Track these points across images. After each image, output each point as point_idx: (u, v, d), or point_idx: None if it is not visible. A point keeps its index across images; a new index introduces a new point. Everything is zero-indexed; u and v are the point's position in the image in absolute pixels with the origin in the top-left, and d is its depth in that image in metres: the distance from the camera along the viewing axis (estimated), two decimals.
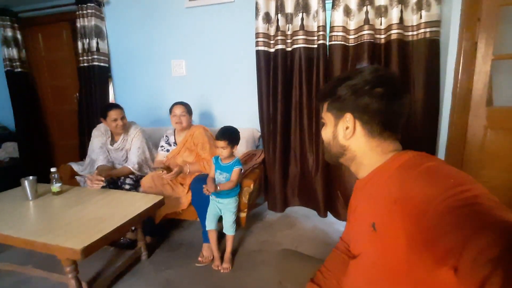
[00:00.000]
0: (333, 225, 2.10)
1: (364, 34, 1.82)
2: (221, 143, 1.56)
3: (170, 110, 1.97)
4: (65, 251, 1.13)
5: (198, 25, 2.38)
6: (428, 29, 1.70)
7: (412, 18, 1.76)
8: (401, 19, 1.76)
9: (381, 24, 1.82)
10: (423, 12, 1.69)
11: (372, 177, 0.66)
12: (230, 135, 1.59)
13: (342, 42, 1.87)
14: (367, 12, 1.81)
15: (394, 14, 1.75)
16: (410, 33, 1.79)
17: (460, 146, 1.72)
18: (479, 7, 1.56)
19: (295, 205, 2.20)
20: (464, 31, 1.60)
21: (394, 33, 1.77)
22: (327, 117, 0.71)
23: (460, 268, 0.42)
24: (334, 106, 0.68)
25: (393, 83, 0.64)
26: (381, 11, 1.80)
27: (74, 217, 1.40)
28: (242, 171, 1.64)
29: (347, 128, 0.66)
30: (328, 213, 2.08)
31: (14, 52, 2.85)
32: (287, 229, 2.09)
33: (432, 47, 1.72)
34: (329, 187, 2.05)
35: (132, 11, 2.54)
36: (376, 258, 0.60)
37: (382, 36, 1.83)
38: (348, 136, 0.66)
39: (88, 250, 1.13)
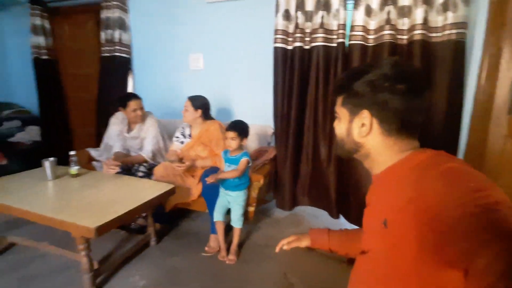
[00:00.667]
0: (342, 226, 2.08)
1: (384, 34, 1.80)
2: (231, 134, 1.60)
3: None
4: (80, 229, 1.18)
5: (218, 20, 2.41)
6: (454, 31, 1.64)
7: (437, 19, 1.71)
8: (426, 20, 1.72)
9: (403, 25, 1.79)
10: (449, 13, 1.64)
11: (387, 174, 0.64)
12: (240, 127, 1.63)
13: (362, 42, 1.85)
14: (389, 12, 1.78)
15: (419, 14, 1.71)
16: (434, 34, 1.74)
17: (479, 154, 1.67)
18: (505, 11, 1.51)
19: (304, 204, 2.19)
20: (489, 35, 1.55)
21: (418, 33, 1.73)
22: (342, 112, 0.69)
23: (470, 273, 0.42)
24: (350, 101, 0.65)
25: (415, 79, 0.60)
26: (404, 11, 1.76)
27: (90, 199, 1.46)
28: (250, 164, 1.66)
29: (363, 125, 0.64)
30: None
31: (41, 40, 2.98)
32: (295, 226, 2.09)
33: (457, 50, 1.66)
34: (343, 188, 2.03)
35: (155, 4, 2.60)
36: (385, 255, 0.60)
37: (405, 37, 1.80)
38: (364, 133, 0.64)
39: (102, 229, 1.18)
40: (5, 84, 3.31)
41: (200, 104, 1.97)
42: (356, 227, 1.99)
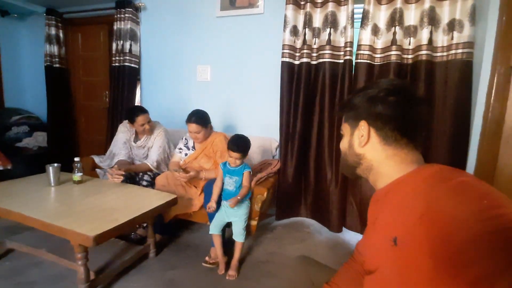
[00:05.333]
0: (347, 243, 2.02)
1: (391, 54, 1.81)
2: (236, 155, 1.58)
3: (186, 123, 1.90)
4: (79, 237, 1.16)
5: (227, 33, 2.46)
6: (460, 50, 1.65)
7: (442, 39, 1.73)
8: (430, 40, 1.73)
9: (409, 44, 1.80)
10: (455, 33, 1.66)
11: (393, 188, 0.63)
12: (244, 147, 1.60)
13: (368, 61, 1.86)
14: (395, 33, 1.80)
15: (424, 35, 1.73)
16: (439, 54, 1.75)
17: (489, 175, 1.63)
18: None
19: (306, 216, 2.19)
20: (499, 54, 1.54)
21: (422, 54, 1.74)
22: (345, 128, 0.72)
23: None
24: (350, 115, 0.70)
25: (407, 91, 0.64)
26: (410, 32, 1.78)
27: (91, 206, 1.45)
28: (252, 176, 1.63)
29: (362, 136, 0.67)
30: (343, 228, 2.05)
31: (55, 49, 3.07)
32: (298, 242, 2.03)
33: (463, 69, 1.66)
34: (345, 202, 2.02)
35: (166, 17, 2.68)
36: (395, 275, 0.56)
37: (410, 56, 1.81)
38: (362, 143, 0.66)
39: (100, 238, 1.15)
40: (17, 91, 3.39)
41: (205, 121, 1.91)
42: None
